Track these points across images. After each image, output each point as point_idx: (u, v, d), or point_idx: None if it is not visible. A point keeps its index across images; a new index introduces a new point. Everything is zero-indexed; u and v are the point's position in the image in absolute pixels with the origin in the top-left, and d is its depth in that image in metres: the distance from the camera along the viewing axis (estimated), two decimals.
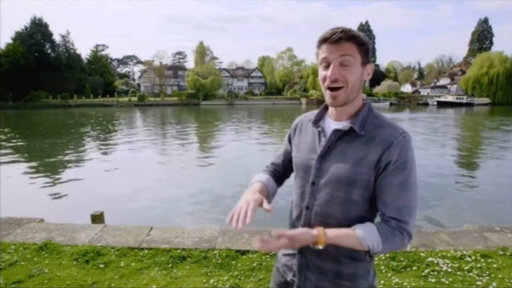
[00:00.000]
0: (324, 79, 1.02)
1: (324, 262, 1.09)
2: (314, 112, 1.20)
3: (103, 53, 78.05)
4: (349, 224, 1.04)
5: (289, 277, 1.20)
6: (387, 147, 1.00)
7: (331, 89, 1.02)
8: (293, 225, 1.18)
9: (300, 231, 1.01)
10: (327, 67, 1.02)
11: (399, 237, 0.99)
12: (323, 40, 1.01)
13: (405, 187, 1.00)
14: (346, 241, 0.99)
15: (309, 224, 1.10)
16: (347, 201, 1.04)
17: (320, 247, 0.99)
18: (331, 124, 1.12)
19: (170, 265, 2.90)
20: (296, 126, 1.25)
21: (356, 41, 0.99)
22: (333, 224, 1.06)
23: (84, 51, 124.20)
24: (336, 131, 1.07)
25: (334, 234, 0.99)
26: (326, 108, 1.17)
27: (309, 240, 0.98)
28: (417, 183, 1.03)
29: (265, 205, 1.05)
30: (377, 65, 76.36)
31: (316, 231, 0.99)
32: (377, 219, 1.10)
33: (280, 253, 1.27)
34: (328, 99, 1.05)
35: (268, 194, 1.23)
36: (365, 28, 75.67)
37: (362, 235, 0.98)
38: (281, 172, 1.34)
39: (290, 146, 1.27)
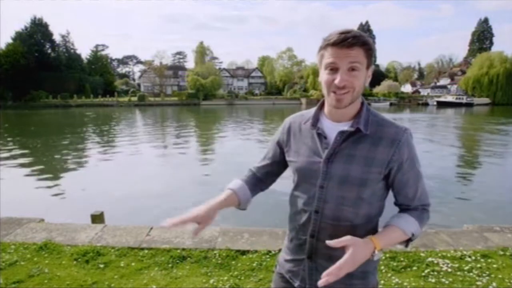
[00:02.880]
0: (330, 83, 1.00)
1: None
2: (305, 113, 1.18)
3: (103, 53, 78.11)
4: (359, 222, 1.06)
5: (296, 283, 1.17)
6: (396, 146, 1.03)
7: (336, 92, 1.00)
8: (299, 231, 1.15)
9: (358, 248, 0.96)
10: (333, 71, 0.99)
11: (426, 216, 1.11)
12: (332, 44, 0.97)
13: (418, 177, 1.09)
14: (393, 238, 1.05)
15: (319, 228, 1.09)
16: (358, 201, 1.05)
17: (381, 254, 1.02)
18: (330, 125, 1.10)
19: (170, 265, 2.90)
20: (289, 130, 1.20)
21: (366, 47, 0.98)
22: (345, 225, 1.06)
23: (84, 51, 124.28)
24: (341, 132, 1.05)
25: (382, 236, 1.03)
26: (320, 108, 1.15)
27: (368, 252, 0.99)
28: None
29: (189, 226, 1.12)
30: (377, 65, 76.25)
31: (368, 239, 1.00)
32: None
33: (282, 259, 1.25)
34: (332, 102, 1.03)
35: (238, 201, 1.24)
36: (365, 28, 75.57)
37: (405, 226, 1.05)
38: (260, 178, 1.31)
39: (280, 150, 1.24)
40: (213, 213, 1.16)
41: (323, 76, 1.02)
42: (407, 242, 1.08)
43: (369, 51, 1.00)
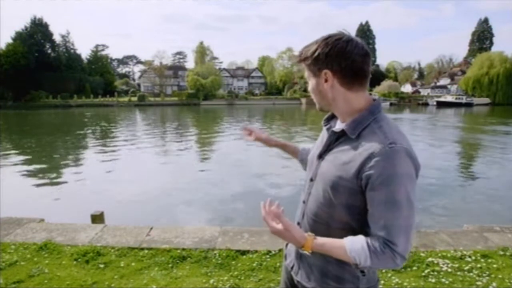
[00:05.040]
0: None
1: (313, 257, 1.09)
2: None
3: (103, 53, 78.04)
4: (336, 226, 1.05)
5: (287, 261, 1.27)
6: (371, 158, 0.93)
7: None
8: (297, 215, 1.24)
9: (296, 227, 1.02)
10: None
11: (389, 256, 0.91)
12: None
13: (392, 204, 0.92)
14: (334, 251, 0.98)
15: (303, 217, 1.16)
16: (331, 204, 1.04)
17: (306, 252, 1.00)
18: (337, 123, 1.14)
19: (170, 265, 2.90)
20: (322, 124, 1.26)
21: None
22: (321, 224, 1.08)
23: (84, 51, 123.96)
24: (333, 132, 1.09)
25: (323, 241, 1.00)
26: None
27: (298, 239, 1.00)
28: (413, 203, 0.93)
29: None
30: (377, 65, 76.15)
31: (307, 235, 1.01)
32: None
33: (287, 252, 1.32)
34: None
35: (298, 153, 1.49)
36: (365, 28, 75.55)
37: (350, 247, 0.95)
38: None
39: None
40: (268, 140, 1.52)
41: None
42: (356, 266, 0.97)
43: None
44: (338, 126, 1.10)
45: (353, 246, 0.95)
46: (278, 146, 1.53)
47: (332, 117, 1.19)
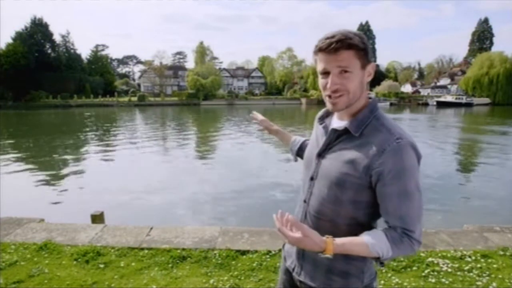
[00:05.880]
0: (324, 88, 1.03)
1: (318, 255, 1.08)
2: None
3: (103, 53, 78.00)
4: (342, 222, 1.06)
5: (288, 262, 1.25)
6: (379, 154, 0.96)
7: (331, 96, 1.02)
8: (296, 215, 1.22)
9: (314, 232, 0.98)
10: (326, 75, 1.01)
11: (407, 243, 0.97)
12: (319, 50, 0.99)
13: (405, 196, 0.97)
14: (355, 249, 0.98)
15: (305, 218, 1.14)
16: (337, 201, 1.05)
17: (328, 256, 0.97)
18: (334, 122, 1.13)
19: (170, 265, 2.90)
20: (315, 121, 1.25)
21: (354, 48, 0.96)
22: (325, 222, 1.08)
23: (84, 51, 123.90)
24: (334, 130, 1.09)
25: (342, 241, 0.98)
26: None
27: (319, 244, 0.96)
28: (421, 190, 0.99)
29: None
30: (377, 65, 76.10)
31: (325, 238, 0.98)
32: (375, 223, 1.10)
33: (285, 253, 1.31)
34: (328, 105, 1.06)
35: (289, 140, 1.56)
36: (365, 28, 75.45)
37: (372, 242, 0.97)
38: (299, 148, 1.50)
39: None
40: (270, 126, 1.65)
41: (319, 80, 1.05)
42: (376, 260, 1.00)
43: (360, 52, 0.97)
44: (337, 124, 1.09)
45: (374, 240, 0.97)
46: (276, 135, 1.63)
47: (327, 115, 1.19)
